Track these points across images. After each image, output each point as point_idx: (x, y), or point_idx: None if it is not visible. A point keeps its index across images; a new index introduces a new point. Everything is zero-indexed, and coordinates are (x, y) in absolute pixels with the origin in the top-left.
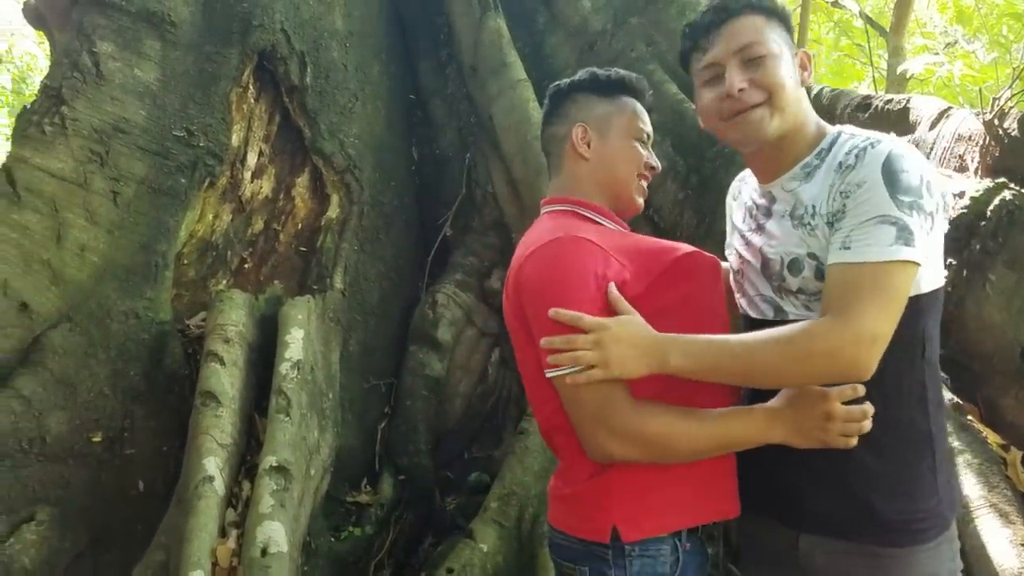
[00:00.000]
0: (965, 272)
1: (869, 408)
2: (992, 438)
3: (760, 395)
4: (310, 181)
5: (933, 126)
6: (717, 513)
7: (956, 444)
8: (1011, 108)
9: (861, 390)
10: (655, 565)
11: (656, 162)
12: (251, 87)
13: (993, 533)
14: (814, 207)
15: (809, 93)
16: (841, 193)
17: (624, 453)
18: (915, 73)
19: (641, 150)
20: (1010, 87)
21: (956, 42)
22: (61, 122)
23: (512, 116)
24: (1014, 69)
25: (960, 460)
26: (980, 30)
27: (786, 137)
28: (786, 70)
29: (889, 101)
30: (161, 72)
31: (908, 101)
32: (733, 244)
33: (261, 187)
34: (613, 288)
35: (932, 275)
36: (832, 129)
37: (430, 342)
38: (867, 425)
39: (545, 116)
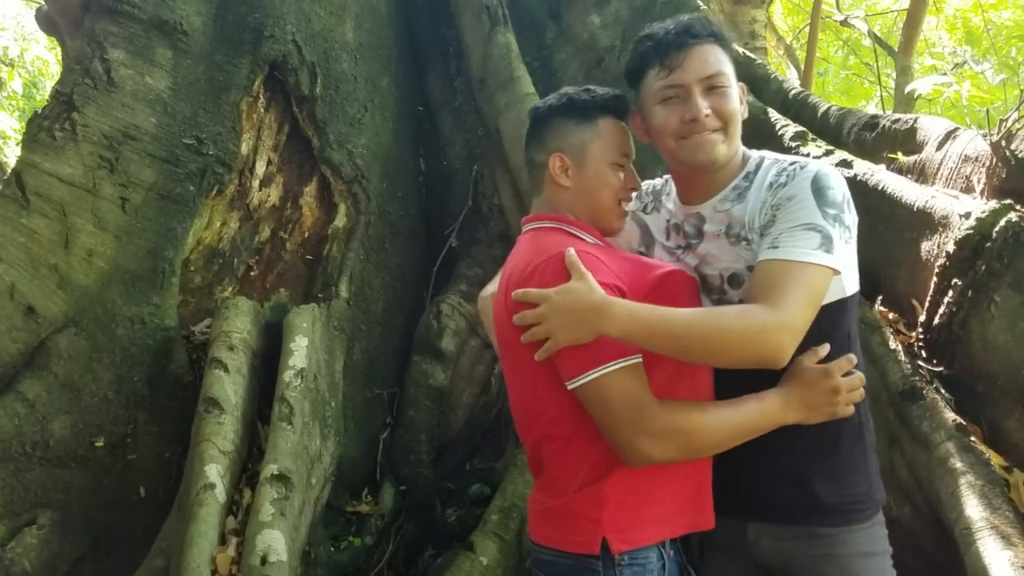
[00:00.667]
0: (970, 293)
1: (862, 376)
2: (995, 460)
3: (745, 387)
4: (318, 190)
5: (940, 147)
6: (697, 524)
7: (959, 465)
8: (1019, 130)
9: (823, 352)
10: (644, 573)
11: (636, 182)
12: (261, 97)
13: (995, 555)
14: (748, 223)
15: (816, 112)
16: (772, 207)
17: (664, 453)
18: (923, 93)
19: (619, 175)
20: (1018, 108)
21: (965, 63)
22: (71, 128)
23: (520, 130)
24: (1022, 90)
25: (962, 481)
26: (989, 51)
27: (726, 163)
28: (738, 102)
29: (896, 121)
30: (172, 80)
31: (915, 121)
32: (655, 256)
33: (269, 195)
34: (571, 251)
35: (853, 280)
36: (755, 154)
37: (434, 352)
38: (862, 392)
39: (527, 138)
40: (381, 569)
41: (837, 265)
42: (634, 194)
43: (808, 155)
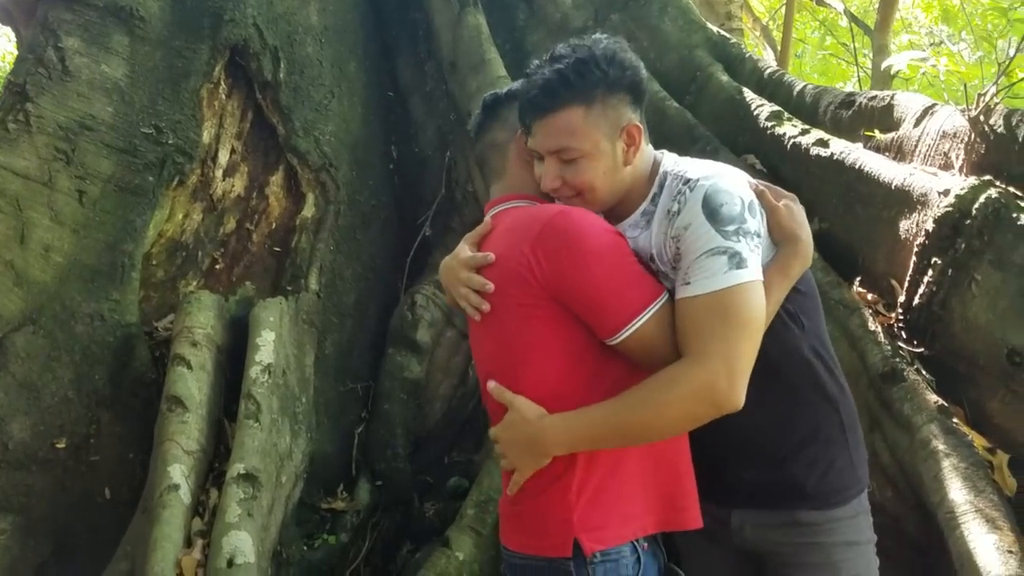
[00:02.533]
0: (950, 272)
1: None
2: (978, 441)
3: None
4: (284, 180)
5: (917, 123)
6: (675, 522)
7: (941, 447)
8: (997, 104)
9: None
10: (618, 569)
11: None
12: (223, 83)
13: (979, 539)
14: (657, 256)
15: (792, 91)
16: (673, 239)
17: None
18: (900, 70)
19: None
20: (995, 83)
21: (942, 42)
22: (25, 119)
23: None
24: (999, 65)
25: (945, 464)
26: (965, 28)
27: (614, 203)
28: (598, 167)
29: (873, 98)
30: (129, 68)
31: (892, 98)
32: None
33: (233, 185)
34: (492, 384)
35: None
36: (665, 164)
37: (409, 344)
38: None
39: (479, 124)
40: (358, 567)
41: (756, 275)
42: None
43: (784, 135)
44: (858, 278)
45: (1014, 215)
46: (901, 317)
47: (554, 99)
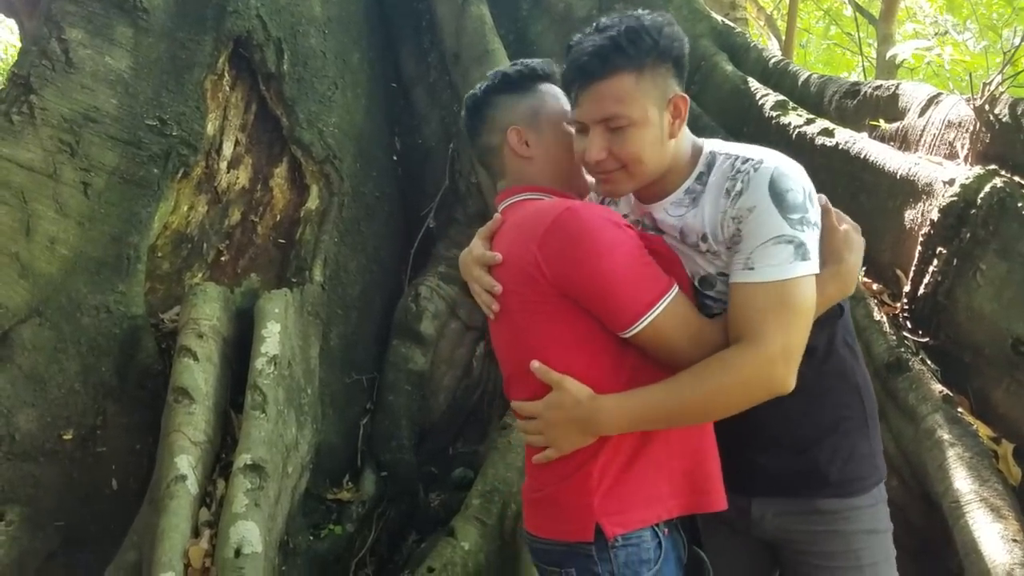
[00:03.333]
0: (955, 262)
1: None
2: (983, 431)
3: None
4: (288, 171)
5: (922, 113)
6: (698, 505)
7: (946, 437)
8: (1002, 94)
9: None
10: (639, 553)
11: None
12: (226, 75)
13: (984, 528)
14: (708, 235)
15: (797, 80)
16: (734, 219)
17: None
18: (904, 60)
19: (577, 140)
20: (1000, 72)
21: (946, 32)
22: (30, 111)
23: None
24: (1004, 54)
25: (950, 454)
26: (970, 17)
27: (655, 179)
28: (647, 138)
29: (878, 87)
30: (133, 60)
31: (897, 87)
32: None
33: (238, 177)
34: (536, 363)
35: None
36: (707, 147)
37: (413, 336)
38: None
39: (469, 129)
40: (364, 556)
41: (815, 268)
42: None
43: (789, 124)
44: (863, 268)
45: (1019, 204)
46: (906, 307)
47: (605, 64)
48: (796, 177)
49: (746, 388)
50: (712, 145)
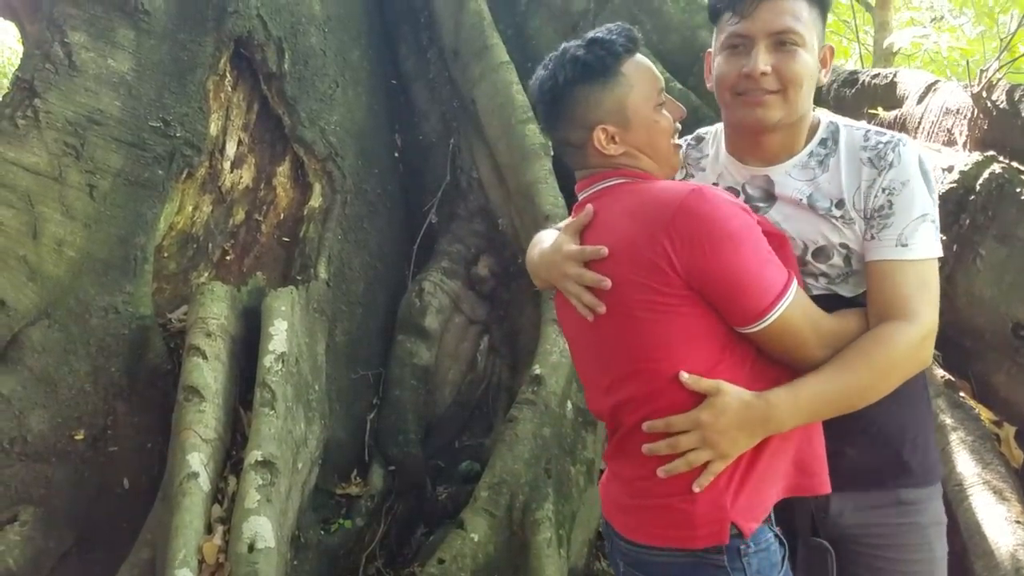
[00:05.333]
0: (955, 247)
1: None
2: (985, 414)
3: None
4: (291, 170)
5: (920, 100)
6: (806, 488)
7: (949, 421)
8: (999, 80)
9: None
10: (769, 556)
11: (682, 109)
12: (228, 75)
13: (987, 510)
14: (844, 200)
15: None
16: (884, 190)
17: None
18: (901, 47)
19: (666, 115)
20: (998, 58)
21: (943, 17)
22: (34, 115)
23: (495, 99)
24: (1001, 40)
25: (953, 437)
26: (966, 3)
27: (789, 126)
28: (809, 66)
29: (876, 76)
30: (135, 62)
31: (895, 75)
32: None
33: (241, 177)
34: (686, 375)
35: None
36: (821, 116)
37: (417, 331)
38: None
39: (546, 120)
40: (373, 550)
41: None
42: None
43: None
44: None
45: (1018, 190)
46: None
47: None
48: (929, 160)
49: (905, 365)
50: (829, 114)
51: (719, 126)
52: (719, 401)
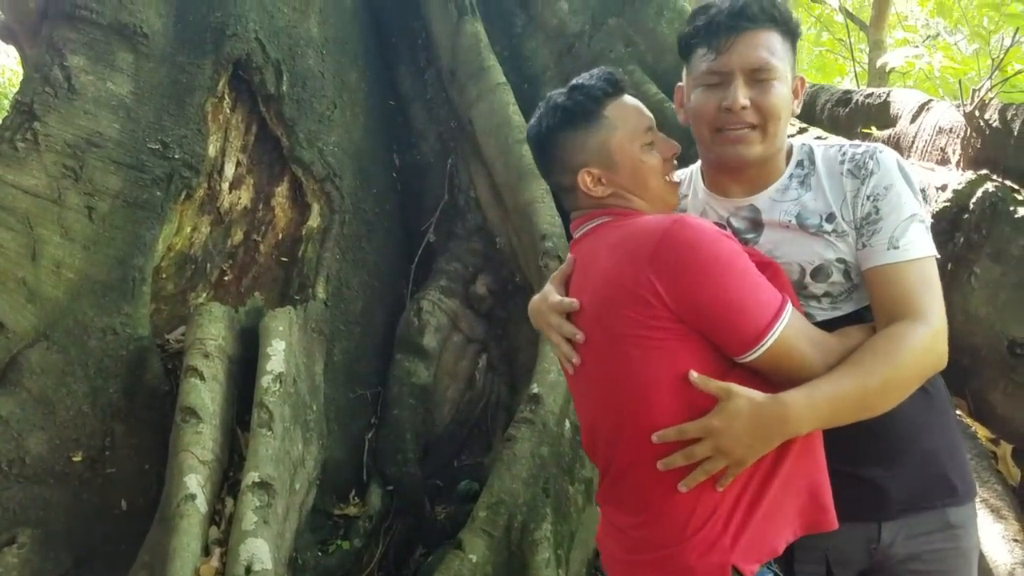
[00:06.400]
0: (950, 265)
1: None
2: (981, 432)
3: None
4: (289, 190)
5: (914, 119)
6: (818, 524)
7: None
8: (991, 99)
9: None
10: None
11: (674, 146)
12: (227, 97)
13: (985, 528)
14: (834, 212)
15: None
16: (869, 197)
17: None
18: (896, 66)
19: (655, 154)
20: (990, 78)
21: (938, 35)
22: (34, 138)
23: (492, 120)
24: (994, 60)
25: None
26: (960, 21)
27: (768, 158)
28: (786, 98)
29: (870, 95)
30: (134, 84)
31: (888, 95)
32: None
33: (240, 198)
34: (696, 375)
35: None
36: (793, 141)
37: (416, 350)
38: None
39: (538, 165)
40: (371, 571)
41: None
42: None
43: None
44: None
45: (1011, 208)
46: None
47: (763, 13)
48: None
49: (921, 363)
50: (798, 139)
51: (693, 167)
52: (731, 405)
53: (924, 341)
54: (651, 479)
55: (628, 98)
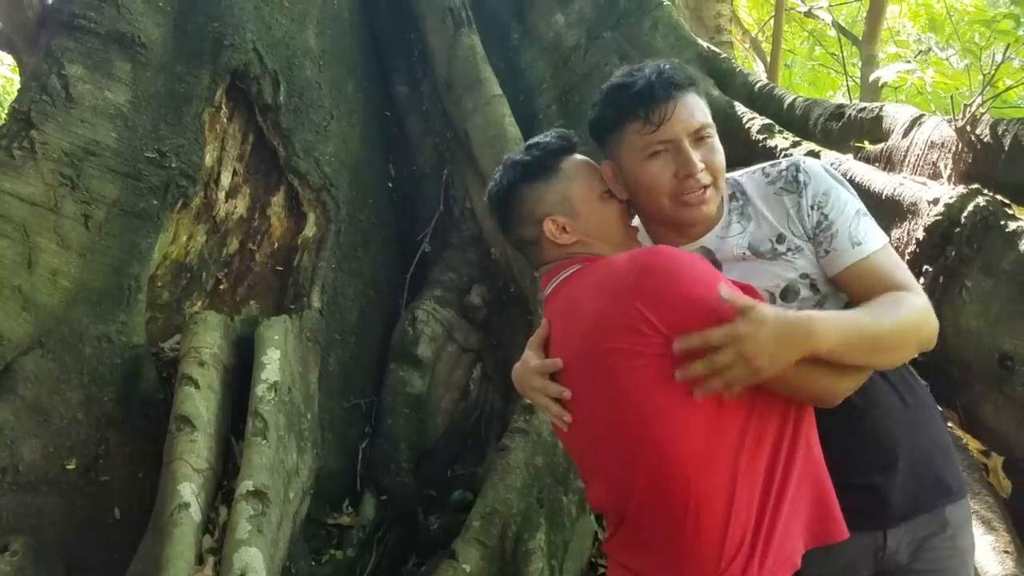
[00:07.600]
0: (941, 279)
1: None
2: (972, 444)
3: None
4: (286, 200)
5: (906, 134)
6: (826, 535)
7: None
8: (983, 114)
9: None
10: None
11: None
12: (224, 107)
13: (976, 539)
14: (781, 234)
15: (782, 104)
16: (812, 207)
17: (856, 381)
18: (888, 81)
19: (614, 201)
20: (981, 93)
21: (929, 50)
22: (31, 146)
23: (488, 132)
24: (985, 75)
25: None
26: (952, 37)
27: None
28: (722, 152)
29: (862, 110)
30: (132, 94)
31: (881, 109)
32: None
33: (236, 207)
34: (724, 290)
35: None
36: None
37: (410, 359)
38: None
39: (500, 222)
40: None
41: None
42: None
43: (775, 147)
44: None
45: (1002, 222)
46: None
47: (686, 79)
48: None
49: (924, 323)
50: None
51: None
52: (757, 312)
53: (924, 303)
54: (676, 511)
55: (580, 155)
